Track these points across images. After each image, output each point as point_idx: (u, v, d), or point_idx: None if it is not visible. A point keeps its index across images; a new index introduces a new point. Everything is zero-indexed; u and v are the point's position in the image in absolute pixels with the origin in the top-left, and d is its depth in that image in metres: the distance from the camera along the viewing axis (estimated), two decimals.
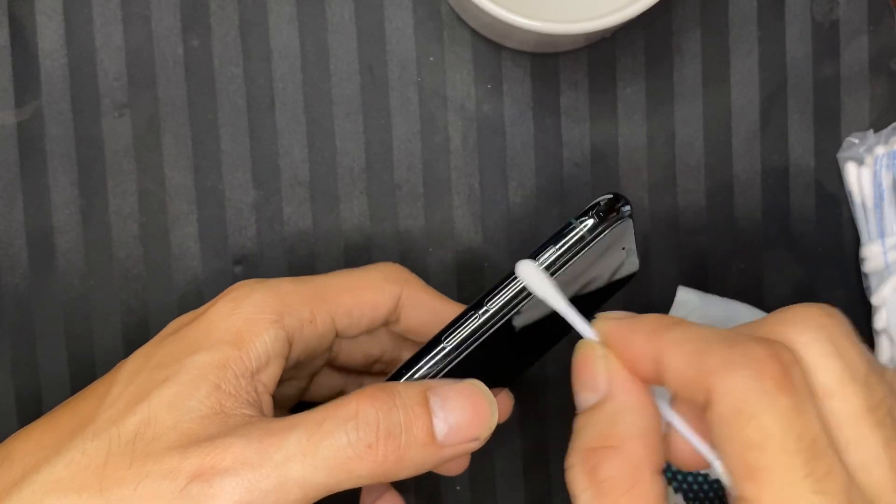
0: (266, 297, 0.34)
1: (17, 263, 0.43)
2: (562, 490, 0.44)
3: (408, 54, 0.43)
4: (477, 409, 0.32)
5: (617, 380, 0.30)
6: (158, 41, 0.43)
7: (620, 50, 0.44)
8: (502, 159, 0.44)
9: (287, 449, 0.30)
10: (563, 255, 0.33)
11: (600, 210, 0.33)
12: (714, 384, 0.27)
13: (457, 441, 0.32)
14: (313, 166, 0.43)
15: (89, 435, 0.32)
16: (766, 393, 0.27)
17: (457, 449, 0.32)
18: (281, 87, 0.43)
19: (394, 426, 0.31)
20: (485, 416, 0.33)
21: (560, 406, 0.44)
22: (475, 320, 0.33)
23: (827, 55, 0.44)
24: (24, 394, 0.43)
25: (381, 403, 0.31)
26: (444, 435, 0.32)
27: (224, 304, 0.34)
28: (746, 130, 0.44)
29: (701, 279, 0.44)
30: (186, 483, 0.30)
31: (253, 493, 0.30)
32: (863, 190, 0.43)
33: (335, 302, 0.35)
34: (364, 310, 0.36)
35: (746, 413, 0.27)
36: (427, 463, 0.32)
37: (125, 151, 0.43)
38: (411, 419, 0.31)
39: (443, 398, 0.32)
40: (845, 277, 0.45)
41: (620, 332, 0.30)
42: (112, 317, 0.43)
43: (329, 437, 0.31)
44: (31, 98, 0.43)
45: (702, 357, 0.28)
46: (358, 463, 0.31)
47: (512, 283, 0.33)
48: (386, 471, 0.31)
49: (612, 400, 0.30)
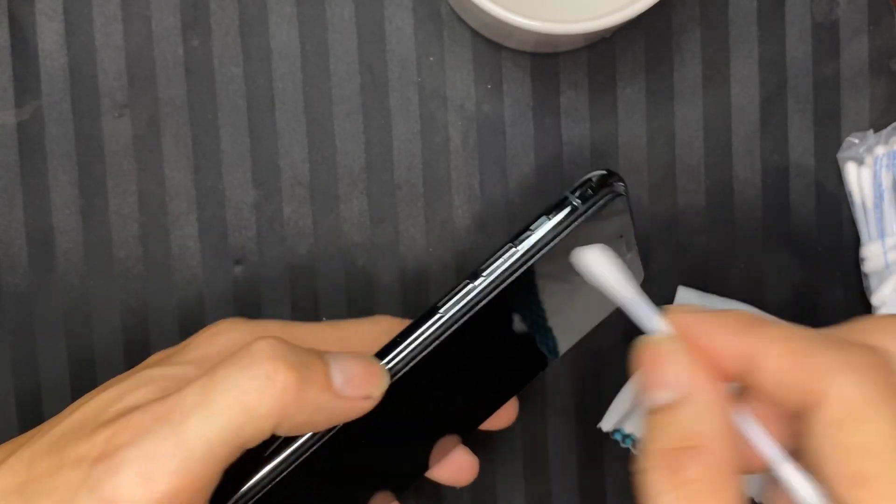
0: (246, 336, 0.34)
1: (17, 263, 0.43)
2: (562, 491, 0.44)
3: (408, 54, 0.43)
4: (369, 368, 0.32)
5: (698, 377, 0.28)
6: (158, 41, 0.43)
7: (620, 50, 0.44)
8: (502, 159, 0.44)
9: (183, 407, 0.29)
10: (554, 227, 0.32)
11: (591, 185, 0.32)
12: (826, 387, 0.26)
13: (352, 393, 0.31)
14: (313, 166, 0.43)
15: (32, 442, 0.31)
16: (881, 399, 0.26)
17: (351, 404, 0.31)
18: (281, 87, 0.43)
19: (293, 359, 0.30)
20: (377, 374, 0.32)
21: (560, 406, 0.44)
22: (469, 287, 0.33)
23: (827, 55, 0.44)
24: (24, 394, 0.43)
25: (278, 343, 0.30)
26: (340, 383, 0.31)
27: (202, 338, 0.34)
28: (746, 130, 0.44)
29: (701, 279, 0.44)
30: (91, 465, 0.29)
31: (154, 459, 0.29)
32: (863, 190, 0.43)
33: None
34: None
35: (863, 416, 0.26)
36: (322, 410, 0.31)
37: (125, 151, 0.43)
38: (310, 360, 0.31)
39: (336, 355, 0.31)
40: (845, 277, 0.45)
41: (704, 325, 0.29)
42: (112, 317, 0.43)
43: (223, 381, 0.30)
44: (31, 98, 0.43)
45: (808, 358, 0.27)
46: (256, 397, 0.29)
47: (506, 251, 0.32)
48: (283, 408, 0.30)
49: (693, 398, 0.28)
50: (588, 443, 0.44)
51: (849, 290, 0.45)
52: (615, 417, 0.44)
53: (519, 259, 0.33)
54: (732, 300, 0.44)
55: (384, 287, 0.44)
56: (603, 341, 0.44)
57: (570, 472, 0.44)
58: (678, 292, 0.44)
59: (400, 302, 0.44)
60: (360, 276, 0.44)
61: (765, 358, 0.28)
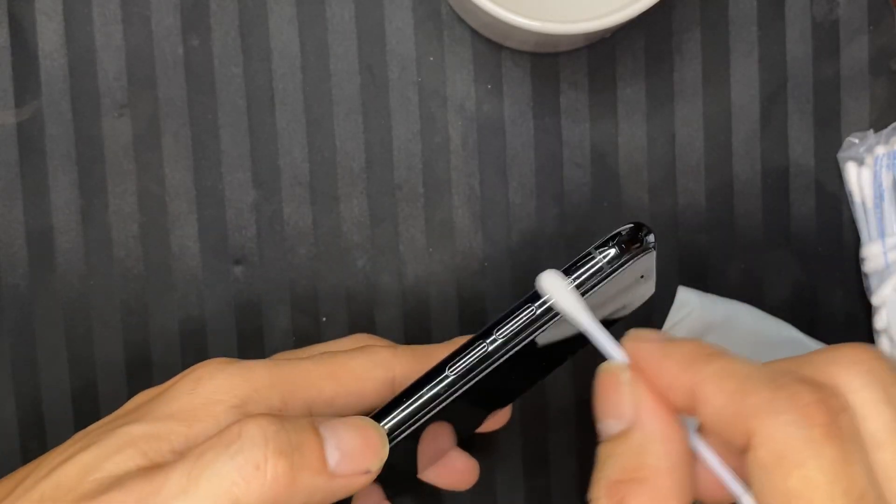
0: (232, 379, 0.32)
1: (17, 263, 0.43)
2: (562, 491, 0.44)
3: (408, 54, 0.43)
4: (368, 440, 0.30)
5: (645, 407, 0.28)
6: (158, 41, 0.43)
7: (620, 50, 0.44)
8: (502, 159, 0.44)
9: (167, 490, 0.28)
10: (579, 286, 0.31)
11: (622, 241, 0.31)
12: (756, 427, 0.26)
13: (349, 470, 0.30)
14: (313, 166, 0.43)
15: (9, 500, 0.30)
16: (812, 441, 0.25)
17: (349, 481, 0.30)
18: (281, 87, 0.43)
19: (283, 445, 0.29)
20: (376, 446, 0.30)
21: (560, 407, 0.44)
22: (482, 349, 0.31)
23: (827, 55, 0.44)
24: (24, 394, 0.43)
25: (269, 424, 0.29)
26: (336, 462, 0.29)
27: (185, 384, 0.32)
28: (746, 130, 0.44)
29: (701, 279, 0.44)
30: None
31: None
32: (863, 190, 0.43)
33: (312, 390, 0.33)
34: (348, 400, 0.33)
35: (791, 461, 0.25)
36: (318, 491, 0.29)
37: (125, 151, 0.43)
38: (302, 440, 0.29)
39: (332, 428, 0.30)
40: (845, 277, 0.45)
41: (653, 357, 0.28)
42: (112, 317, 0.43)
43: (210, 467, 0.28)
44: (31, 98, 0.43)
45: (744, 396, 0.26)
46: (245, 488, 0.28)
47: (524, 311, 0.31)
48: (277, 495, 0.28)
49: (640, 429, 0.28)
50: (588, 443, 0.44)
51: (849, 290, 0.45)
52: None
53: (536, 321, 0.31)
54: (732, 300, 0.44)
55: (384, 287, 0.44)
56: None
57: (570, 472, 0.44)
58: (678, 292, 0.44)
59: (399, 302, 0.44)
60: (360, 275, 0.44)
61: (704, 393, 0.27)
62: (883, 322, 0.43)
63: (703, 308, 0.44)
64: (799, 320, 0.44)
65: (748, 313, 0.44)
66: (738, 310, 0.44)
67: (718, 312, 0.44)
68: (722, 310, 0.44)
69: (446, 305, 0.44)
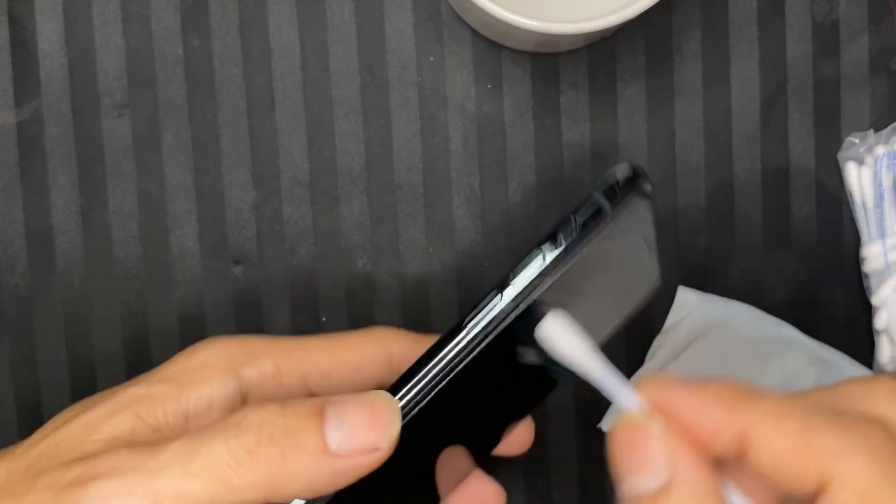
0: (228, 346, 0.32)
1: (17, 263, 0.43)
2: (562, 491, 0.44)
3: (408, 54, 0.43)
4: (376, 414, 0.29)
5: (683, 460, 0.26)
6: (158, 41, 0.43)
7: (620, 50, 0.44)
8: (502, 159, 0.44)
9: (164, 457, 0.28)
10: (583, 233, 0.29)
11: (610, 183, 0.30)
12: (834, 470, 0.25)
13: (353, 449, 0.29)
14: (313, 166, 0.43)
15: (10, 458, 0.31)
16: (891, 480, 0.25)
17: (354, 461, 0.29)
18: (281, 87, 0.43)
19: (277, 431, 0.28)
20: (384, 421, 0.29)
21: (560, 408, 0.44)
22: (495, 302, 0.29)
23: (827, 55, 0.44)
24: (23, 394, 0.43)
25: (268, 410, 0.29)
26: (338, 442, 0.28)
27: (184, 351, 0.33)
28: (746, 130, 0.44)
29: (701, 279, 0.44)
30: (62, 490, 0.29)
31: (123, 497, 0.28)
32: (863, 190, 0.43)
33: (307, 361, 0.33)
34: (344, 373, 0.33)
35: (875, 500, 0.24)
36: (320, 475, 0.29)
37: (125, 151, 0.43)
38: (299, 425, 0.28)
39: (340, 405, 0.29)
40: (845, 277, 0.45)
41: (690, 400, 0.26)
42: (112, 317, 0.43)
43: (207, 445, 0.28)
44: (31, 98, 0.43)
45: (811, 437, 0.25)
46: (236, 471, 0.28)
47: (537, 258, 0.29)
48: (270, 482, 0.28)
49: (679, 484, 0.26)
50: (588, 443, 0.44)
51: (849, 290, 0.45)
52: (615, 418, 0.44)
53: (549, 265, 0.30)
54: (732, 300, 0.44)
55: (384, 287, 0.44)
56: None
57: (570, 472, 0.44)
58: (678, 292, 0.44)
59: (399, 302, 0.44)
60: (360, 275, 0.44)
61: (760, 436, 0.26)
62: (883, 322, 0.43)
63: (703, 308, 0.44)
64: (799, 320, 0.44)
65: (748, 313, 0.44)
66: (738, 310, 0.44)
67: (718, 312, 0.44)
68: (722, 310, 0.44)
69: (446, 305, 0.44)
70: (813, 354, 0.44)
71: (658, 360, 0.44)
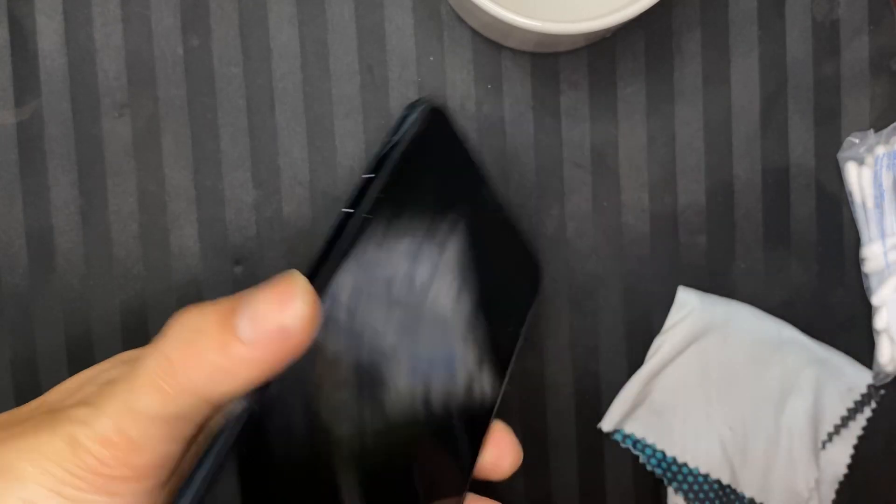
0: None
1: (17, 263, 0.43)
2: (562, 491, 0.44)
3: (408, 54, 0.43)
4: (280, 292, 0.28)
5: None
6: (158, 41, 0.43)
7: (620, 50, 0.44)
8: (502, 159, 0.44)
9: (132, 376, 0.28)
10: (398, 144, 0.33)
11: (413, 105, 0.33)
12: None
13: (262, 334, 0.28)
14: (313, 166, 0.43)
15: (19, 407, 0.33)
16: None
17: (267, 347, 0.28)
18: (281, 87, 0.43)
19: (192, 333, 0.28)
20: (288, 297, 0.28)
21: (560, 408, 0.44)
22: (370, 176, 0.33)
23: (827, 55, 0.44)
24: (23, 394, 0.43)
25: (188, 314, 0.28)
26: (248, 332, 0.27)
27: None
28: (746, 130, 0.44)
29: (701, 279, 0.44)
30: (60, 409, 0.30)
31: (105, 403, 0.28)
32: (863, 190, 0.43)
33: None
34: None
35: None
36: (238, 367, 0.28)
37: (125, 151, 0.43)
38: (209, 321, 0.28)
39: (251, 293, 0.28)
40: (845, 277, 0.45)
41: None
42: (112, 317, 0.43)
43: (143, 360, 0.28)
44: (31, 98, 0.43)
45: None
46: (164, 379, 0.28)
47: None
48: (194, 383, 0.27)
49: None
50: (588, 443, 0.44)
51: (849, 290, 0.45)
52: (615, 417, 0.44)
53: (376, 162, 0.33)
54: (732, 300, 0.44)
55: None
56: (603, 341, 0.44)
57: (570, 472, 0.44)
58: (678, 292, 0.44)
59: None
60: None
61: None
62: (883, 322, 0.43)
63: (703, 308, 0.44)
64: (799, 320, 0.44)
65: (748, 313, 0.44)
66: (738, 310, 0.44)
67: (718, 312, 0.44)
68: (722, 310, 0.44)
69: None
70: (813, 354, 0.44)
71: (658, 360, 0.44)
